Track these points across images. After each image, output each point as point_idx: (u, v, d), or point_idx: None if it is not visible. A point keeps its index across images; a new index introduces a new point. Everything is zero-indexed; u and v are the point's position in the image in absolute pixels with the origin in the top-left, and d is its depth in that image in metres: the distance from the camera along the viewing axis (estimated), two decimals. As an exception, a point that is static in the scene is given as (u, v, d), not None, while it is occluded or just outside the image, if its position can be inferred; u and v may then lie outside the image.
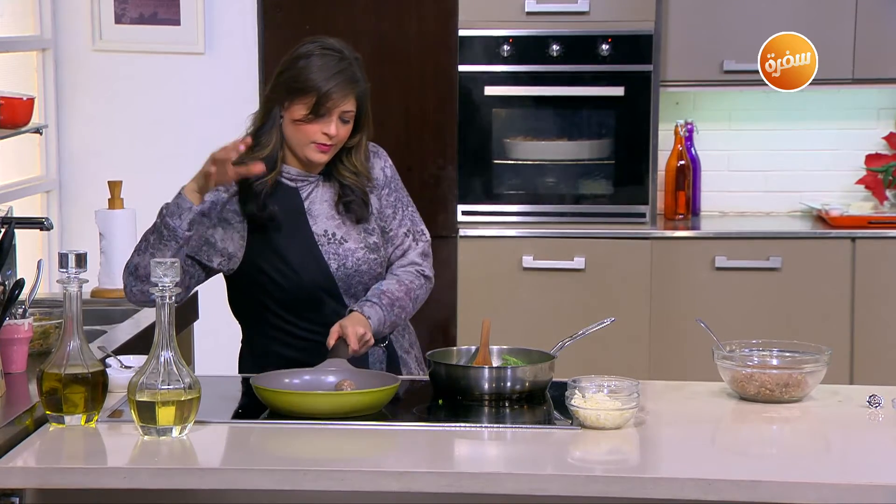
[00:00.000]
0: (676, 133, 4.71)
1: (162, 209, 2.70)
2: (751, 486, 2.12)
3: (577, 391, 2.44)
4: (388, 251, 2.89)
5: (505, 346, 2.78)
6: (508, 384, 2.58)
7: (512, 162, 4.55)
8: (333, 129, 2.75)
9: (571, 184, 4.55)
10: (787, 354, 2.64)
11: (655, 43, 4.41)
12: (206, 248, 2.77)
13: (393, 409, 2.52)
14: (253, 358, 2.87)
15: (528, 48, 4.45)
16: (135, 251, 2.72)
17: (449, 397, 2.61)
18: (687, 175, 4.69)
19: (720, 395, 2.63)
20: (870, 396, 2.54)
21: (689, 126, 4.73)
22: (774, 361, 2.63)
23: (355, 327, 2.70)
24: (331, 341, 2.69)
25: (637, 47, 4.41)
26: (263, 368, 2.67)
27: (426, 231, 2.97)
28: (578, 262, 4.44)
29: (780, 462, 2.31)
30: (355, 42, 4.54)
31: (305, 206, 2.82)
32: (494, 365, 2.69)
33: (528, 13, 4.43)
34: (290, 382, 2.57)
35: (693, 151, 4.74)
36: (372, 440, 2.39)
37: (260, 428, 2.44)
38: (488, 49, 4.46)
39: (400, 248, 2.90)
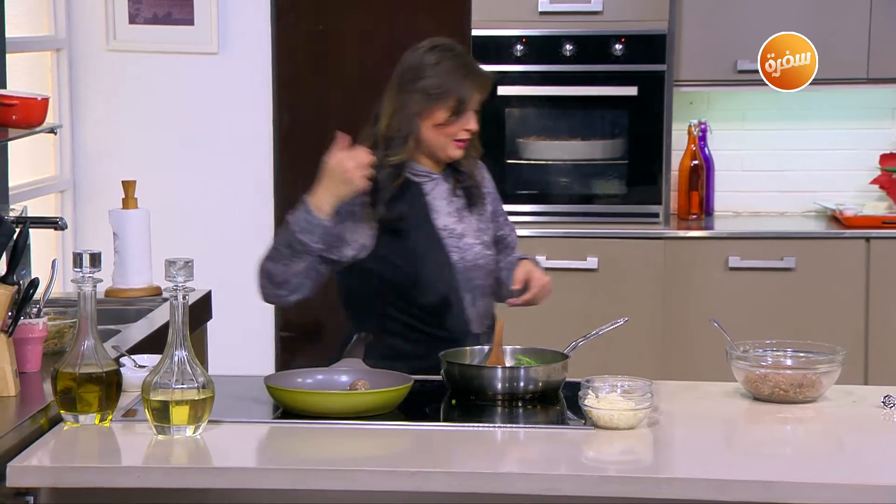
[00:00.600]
0: (690, 133, 4.70)
1: (290, 222, 2.73)
2: (765, 486, 2.11)
3: (590, 391, 2.44)
4: (502, 255, 3.00)
5: (518, 347, 2.78)
6: (522, 384, 2.58)
7: (525, 162, 4.55)
8: (474, 124, 2.89)
9: (584, 184, 4.55)
10: (801, 355, 2.64)
11: (669, 43, 4.40)
12: (336, 244, 2.80)
13: (406, 409, 2.52)
14: (374, 355, 2.89)
15: (541, 48, 4.45)
16: (268, 258, 2.76)
17: (462, 397, 2.61)
18: (700, 175, 4.68)
19: (734, 395, 2.62)
20: (884, 397, 2.53)
21: (702, 126, 4.72)
22: (788, 362, 2.62)
23: (538, 271, 2.86)
24: (518, 285, 2.83)
25: (650, 47, 4.40)
26: (390, 367, 2.71)
27: None
28: (591, 262, 4.43)
29: (794, 462, 2.30)
30: (368, 42, 4.59)
31: (428, 202, 2.90)
32: (507, 365, 2.69)
33: (542, 13, 4.43)
34: (304, 382, 2.58)
35: (706, 151, 4.73)
36: (385, 440, 2.39)
37: (273, 428, 2.44)
38: (501, 49, 4.46)
39: (509, 248, 3.03)
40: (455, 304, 2.87)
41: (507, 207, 4.48)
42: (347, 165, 2.72)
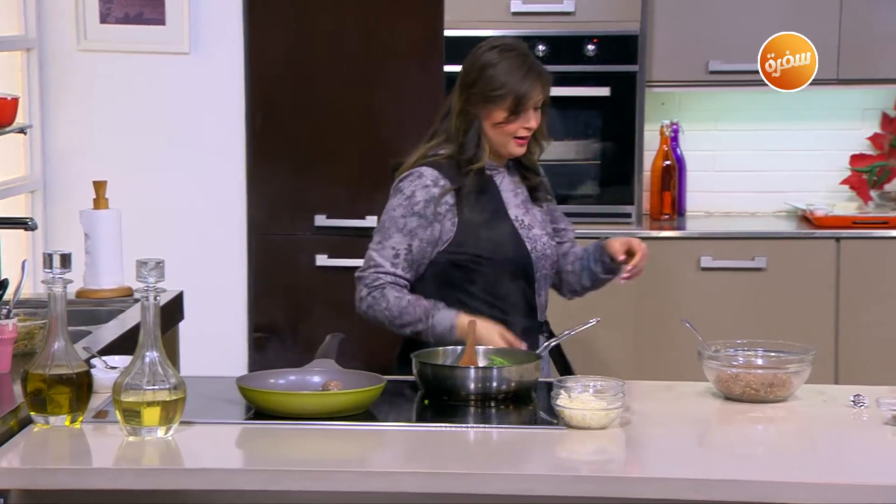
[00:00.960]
0: (662, 133, 4.72)
1: (432, 324, 2.87)
2: (737, 485, 2.12)
3: (562, 391, 2.44)
4: (565, 246, 3.08)
5: (491, 347, 2.79)
6: (494, 384, 2.58)
7: (498, 162, 4.55)
8: (533, 122, 2.94)
9: (558, 184, 4.52)
10: (773, 354, 2.65)
11: (641, 43, 4.42)
12: (428, 248, 2.93)
13: (379, 409, 2.51)
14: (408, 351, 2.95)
15: (514, 48, 4.45)
16: (395, 315, 2.89)
17: (435, 397, 2.61)
18: (672, 175, 4.70)
19: (705, 395, 2.64)
20: (854, 396, 2.55)
21: (674, 126, 4.73)
22: (759, 361, 2.64)
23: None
24: (622, 255, 2.92)
25: (623, 48, 4.41)
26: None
27: None
28: (564, 263, 4.43)
29: (766, 462, 2.31)
30: (341, 41, 4.58)
31: (502, 194, 2.98)
32: (480, 365, 2.69)
33: (514, 14, 4.43)
34: (276, 383, 2.57)
35: (679, 152, 4.75)
36: (358, 440, 2.39)
37: (246, 429, 2.43)
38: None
39: (570, 242, 3.10)
40: (527, 295, 2.95)
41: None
42: (495, 338, 2.80)
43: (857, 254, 4.37)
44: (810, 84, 4.49)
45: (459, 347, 2.77)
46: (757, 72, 4.36)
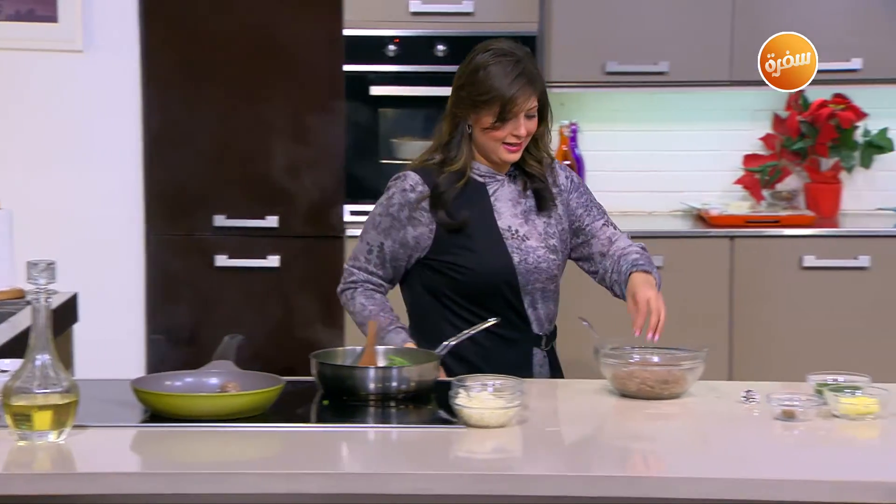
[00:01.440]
0: (561, 133, 4.76)
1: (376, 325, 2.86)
2: (632, 481, 2.15)
3: (461, 390, 2.45)
4: (595, 247, 2.97)
5: (391, 347, 2.79)
6: (394, 384, 2.58)
7: (399, 162, 4.54)
8: (522, 129, 2.85)
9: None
10: (667, 352, 2.69)
11: (539, 44, 4.45)
12: (402, 251, 2.90)
13: (278, 411, 2.50)
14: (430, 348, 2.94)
15: (413, 48, 4.46)
16: (357, 319, 2.96)
17: (335, 398, 2.61)
18: (571, 175, 4.74)
19: (602, 392, 2.67)
20: (745, 392, 2.60)
21: (573, 126, 4.78)
22: (654, 359, 2.67)
23: (654, 294, 2.77)
24: (640, 321, 2.73)
25: (522, 48, 4.43)
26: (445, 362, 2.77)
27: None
28: (465, 262, 4.45)
29: (660, 458, 2.34)
30: (239, 41, 4.54)
31: (492, 202, 2.91)
32: (380, 365, 2.69)
33: (413, 13, 4.44)
34: (173, 385, 2.54)
35: (577, 152, 4.80)
36: (257, 442, 2.37)
37: (141, 432, 2.40)
38: (374, 49, 4.45)
39: (606, 239, 2.97)
40: (515, 306, 2.88)
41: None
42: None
43: (750, 252, 4.45)
44: (703, 85, 4.59)
45: (359, 347, 2.76)
46: (653, 73, 4.43)
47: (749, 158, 4.82)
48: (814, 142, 4.72)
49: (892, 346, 4.34)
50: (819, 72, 4.56)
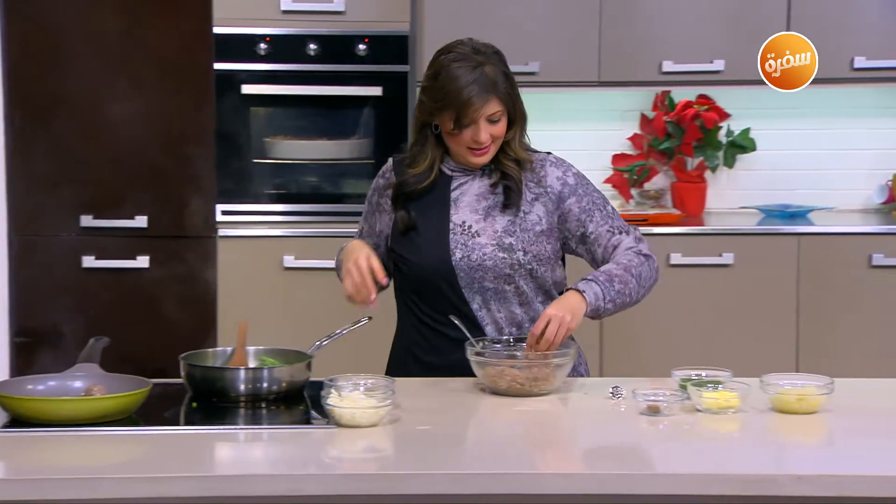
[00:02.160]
0: (434, 133, 4.78)
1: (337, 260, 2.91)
2: (501, 478, 2.17)
3: (333, 390, 2.45)
4: (598, 253, 2.84)
5: (262, 347, 2.77)
6: (265, 385, 2.57)
7: (272, 161, 4.52)
8: (482, 135, 2.78)
9: (333, 183, 4.56)
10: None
11: (411, 44, 4.47)
12: (376, 238, 2.91)
13: (145, 414, 2.46)
14: (398, 345, 2.92)
15: (285, 47, 4.44)
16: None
17: (204, 400, 2.58)
18: (445, 174, 4.77)
19: (473, 390, 2.69)
20: (612, 388, 2.65)
21: (446, 126, 4.80)
22: (525, 357, 2.70)
23: (560, 313, 2.64)
24: (536, 331, 2.65)
25: (394, 48, 4.45)
26: (404, 358, 2.77)
27: (629, 225, 2.90)
28: (339, 261, 4.44)
29: (529, 455, 2.37)
30: (104, 37, 4.45)
31: (452, 196, 2.85)
32: (251, 366, 2.67)
33: (284, 12, 4.41)
34: (35, 389, 2.49)
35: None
36: (124, 445, 2.34)
37: (2, 437, 2.34)
38: (244, 47, 4.42)
39: (609, 245, 2.83)
40: (458, 305, 2.79)
41: (254, 207, 4.52)
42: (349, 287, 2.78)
43: (620, 250, 4.52)
44: (573, 86, 4.66)
45: (230, 348, 2.74)
46: (523, 73, 4.48)
47: (617, 158, 4.90)
48: (679, 142, 4.83)
49: (755, 342, 4.47)
50: (683, 73, 4.69)
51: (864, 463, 2.26)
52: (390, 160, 2.94)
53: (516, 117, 2.85)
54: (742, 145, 4.85)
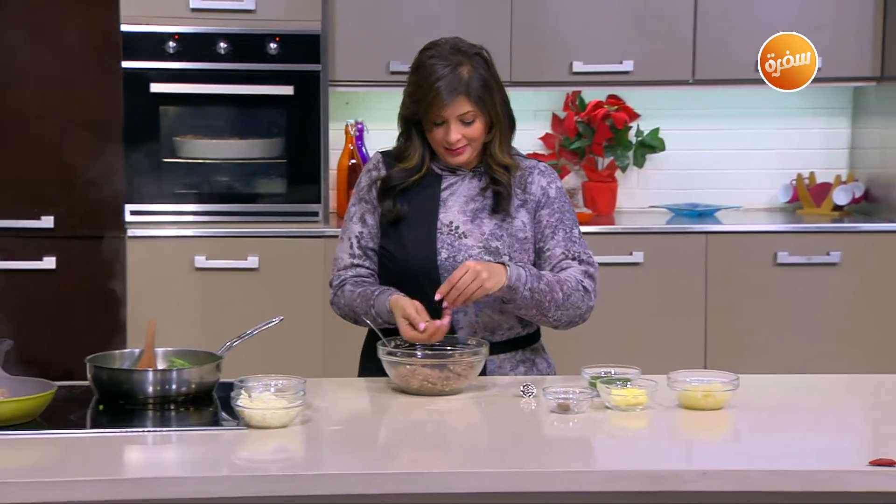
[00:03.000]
0: (347, 132, 4.77)
1: (375, 313, 2.77)
2: (412, 478, 2.18)
3: (243, 391, 2.44)
4: (544, 270, 2.82)
5: (171, 348, 2.75)
6: (174, 386, 2.55)
7: (182, 160, 4.48)
8: (452, 135, 2.77)
9: (244, 183, 4.53)
10: (448, 349, 2.73)
11: (323, 43, 4.45)
12: (380, 233, 2.86)
13: (51, 417, 2.43)
14: (372, 340, 2.85)
15: (194, 45, 4.39)
16: (352, 309, 2.83)
17: (111, 402, 2.55)
18: (358, 174, 4.76)
19: (386, 390, 2.69)
20: (522, 386, 2.67)
21: (359, 126, 4.80)
22: (436, 356, 2.71)
23: (479, 268, 2.64)
24: (454, 279, 2.65)
25: (305, 47, 4.43)
26: (375, 353, 2.70)
27: (592, 258, 2.86)
28: (252, 262, 4.42)
29: (439, 454, 2.38)
30: (13, 38, 4.37)
31: (442, 196, 2.84)
32: (159, 367, 2.65)
33: (193, 10, 4.37)
34: (-65, 393, 2.44)
35: (364, 151, 4.82)
36: (28, 450, 2.30)
37: None
38: (153, 45, 4.37)
39: (557, 267, 2.81)
40: (436, 305, 2.73)
41: (164, 207, 4.47)
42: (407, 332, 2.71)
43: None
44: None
45: (138, 350, 2.71)
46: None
47: (529, 158, 4.93)
48: (590, 141, 4.87)
49: (664, 339, 4.53)
50: (593, 73, 4.74)
51: (767, 458, 2.31)
52: (378, 154, 2.93)
53: (494, 119, 2.82)
54: (652, 145, 4.92)
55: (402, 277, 2.83)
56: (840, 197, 4.82)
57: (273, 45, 4.41)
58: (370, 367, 2.85)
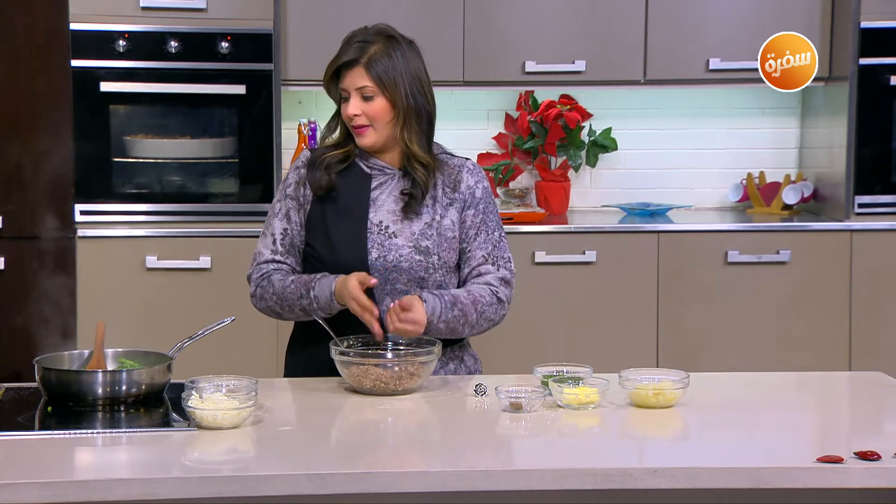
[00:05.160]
0: (300, 132, 4.76)
1: (314, 296, 2.75)
2: (362, 477, 2.18)
3: (193, 392, 2.43)
4: (464, 272, 2.83)
5: (121, 349, 2.73)
6: (124, 387, 2.53)
7: (133, 160, 4.45)
8: (351, 108, 2.78)
9: (196, 182, 4.50)
10: (402, 348, 2.73)
11: (275, 42, 4.44)
12: (304, 232, 2.85)
13: (-2, 419, 2.41)
14: (299, 345, 2.84)
15: (144, 44, 4.36)
16: (282, 298, 2.79)
17: (60, 404, 2.52)
18: (310, 173, 4.75)
19: (338, 390, 2.69)
20: (476, 386, 2.68)
21: (312, 125, 4.78)
22: (389, 355, 2.71)
23: (403, 304, 2.67)
24: (376, 326, 2.69)
25: (257, 46, 4.41)
26: (306, 359, 2.70)
27: (511, 262, 2.86)
28: (204, 262, 4.40)
29: (390, 453, 2.38)
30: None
31: (372, 196, 2.82)
32: (109, 368, 2.63)
33: (144, 8, 4.34)
34: None
35: (316, 150, 4.80)
36: (-25, 453, 2.28)
37: None
38: (103, 44, 4.33)
39: (476, 270, 2.83)
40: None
41: (115, 207, 4.43)
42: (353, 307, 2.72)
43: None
44: (438, 85, 4.64)
45: (87, 351, 2.69)
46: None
47: (483, 157, 4.95)
48: (543, 141, 4.89)
49: (617, 338, 4.56)
50: (545, 73, 4.76)
51: (716, 455, 2.33)
52: (307, 151, 2.93)
53: (398, 105, 2.82)
54: (604, 145, 4.94)
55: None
56: (789, 196, 4.87)
57: (224, 44, 4.39)
58: (297, 366, 2.86)
